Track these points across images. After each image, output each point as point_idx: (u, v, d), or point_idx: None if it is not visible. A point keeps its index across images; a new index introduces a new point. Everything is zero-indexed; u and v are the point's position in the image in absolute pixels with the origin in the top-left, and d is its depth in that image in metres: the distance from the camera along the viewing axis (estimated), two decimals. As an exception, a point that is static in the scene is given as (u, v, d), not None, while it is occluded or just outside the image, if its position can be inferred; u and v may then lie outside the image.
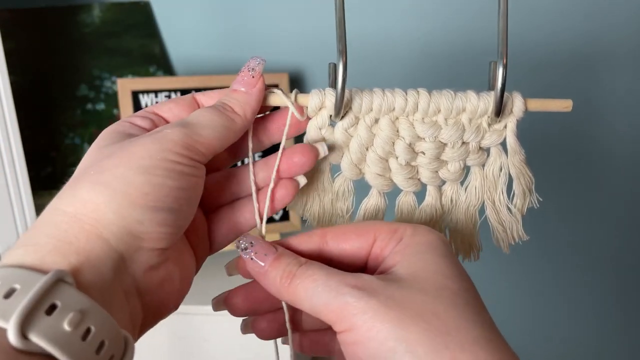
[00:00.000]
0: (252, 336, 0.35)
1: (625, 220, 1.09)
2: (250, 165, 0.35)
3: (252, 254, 0.30)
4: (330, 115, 0.35)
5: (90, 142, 1.06)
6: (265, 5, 1.06)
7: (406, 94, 0.34)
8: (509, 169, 0.35)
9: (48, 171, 1.04)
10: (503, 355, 0.25)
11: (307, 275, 0.28)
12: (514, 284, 1.19)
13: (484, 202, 0.36)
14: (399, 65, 1.06)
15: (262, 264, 0.30)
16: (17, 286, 0.23)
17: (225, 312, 0.35)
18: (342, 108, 0.34)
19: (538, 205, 0.35)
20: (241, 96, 0.32)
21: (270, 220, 0.36)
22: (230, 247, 0.35)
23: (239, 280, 0.33)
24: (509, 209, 0.36)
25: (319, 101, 0.34)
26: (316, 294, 0.27)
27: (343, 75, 0.33)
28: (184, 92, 0.96)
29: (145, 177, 0.27)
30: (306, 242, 0.31)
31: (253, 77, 0.33)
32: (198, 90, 1.12)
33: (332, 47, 1.17)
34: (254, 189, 0.34)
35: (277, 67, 1.10)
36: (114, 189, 0.26)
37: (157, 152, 0.28)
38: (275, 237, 1.11)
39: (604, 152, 1.06)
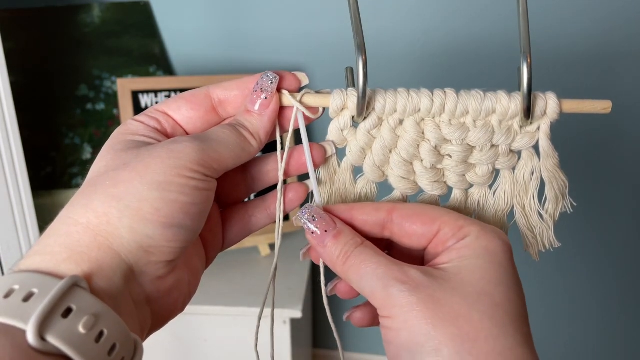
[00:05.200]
0: (251, 336, 0.35)
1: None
2: (279, 152, 0.35)
3: (313, 227, 0.32)
4: (353, 117, 0.34)
5: (90, 142, 1.05)
6: (265, 5, 1.06)
7: (432, 94, 0.33)
8: (540, 172, 0.33)
9: (48, 171, 1.03)
10: None
11: (360, 259, 0.30)
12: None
13: (513, 207, 0.35)
14: (399, 66, 1.05)
15: (323, 240, 0.32)
16: (35, 290, 0.24)
17: (224, 312, 0.35)
18: (364, 108, 0.33)
19: (572, 211, 0.33)
20: (255, 120, 0.32)
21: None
22: (236, 245, 0.36)
23: (237, 281, 0.33)
24: (540, 214, 0.34)
25: (341, 102, 0.33)
26: (365, 279, 0.29)
27: (364, 72, 0.31)
28: (184, 91, 0.96)
29: (159, 193, 0.27)
30: (373, 214, 0.33)
31: (266, 98, 0.32)
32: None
33: (332, 47, 1.16)
34: (280, 176, 0.35)
35: (277, 67, 1.10)
36: (127, 205, 0.27)
37: (172, 168, 0.28)
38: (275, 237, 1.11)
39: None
